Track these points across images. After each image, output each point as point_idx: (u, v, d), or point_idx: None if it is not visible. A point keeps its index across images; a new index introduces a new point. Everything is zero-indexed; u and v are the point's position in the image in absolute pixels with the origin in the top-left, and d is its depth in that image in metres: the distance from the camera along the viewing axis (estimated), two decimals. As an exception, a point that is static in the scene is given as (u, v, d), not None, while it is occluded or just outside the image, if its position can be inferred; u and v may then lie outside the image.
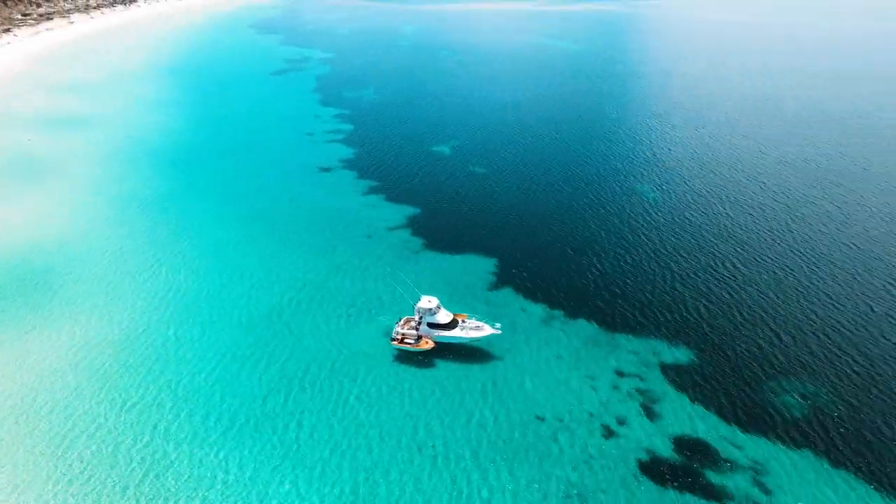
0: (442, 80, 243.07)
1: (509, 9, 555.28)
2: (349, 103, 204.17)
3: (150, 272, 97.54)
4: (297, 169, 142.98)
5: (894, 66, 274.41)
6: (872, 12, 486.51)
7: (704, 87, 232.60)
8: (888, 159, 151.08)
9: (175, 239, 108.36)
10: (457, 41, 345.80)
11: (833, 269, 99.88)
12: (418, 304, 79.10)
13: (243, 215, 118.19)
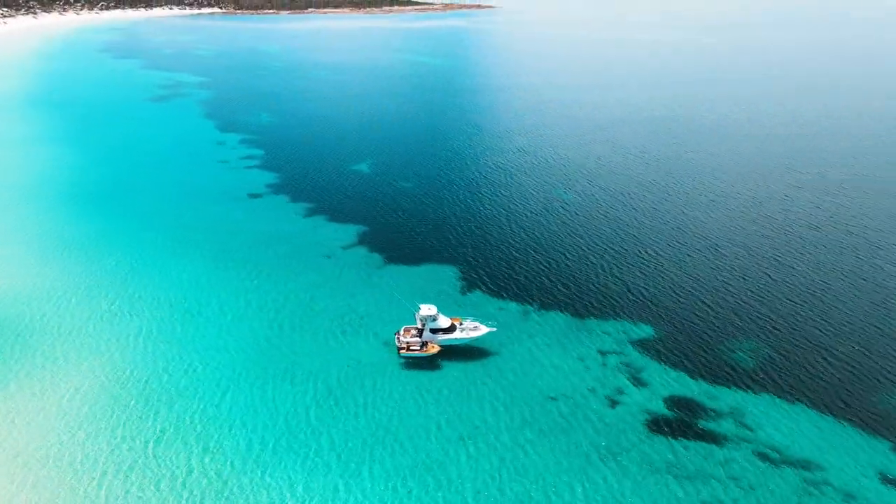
0: (329, 100, 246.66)
1: (364, 26, 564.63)
2: (249, 128, 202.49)
3: (112, 316, 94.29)
4: (224, 197, 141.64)
5: (717, 71, 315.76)
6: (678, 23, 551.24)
7: (560, 95, 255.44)
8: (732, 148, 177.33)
9: (124, 279, 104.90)
10: (328, 60, 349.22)
11: (735, 248, 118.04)
12: (420, 313, 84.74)
13: (188, 248, 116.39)
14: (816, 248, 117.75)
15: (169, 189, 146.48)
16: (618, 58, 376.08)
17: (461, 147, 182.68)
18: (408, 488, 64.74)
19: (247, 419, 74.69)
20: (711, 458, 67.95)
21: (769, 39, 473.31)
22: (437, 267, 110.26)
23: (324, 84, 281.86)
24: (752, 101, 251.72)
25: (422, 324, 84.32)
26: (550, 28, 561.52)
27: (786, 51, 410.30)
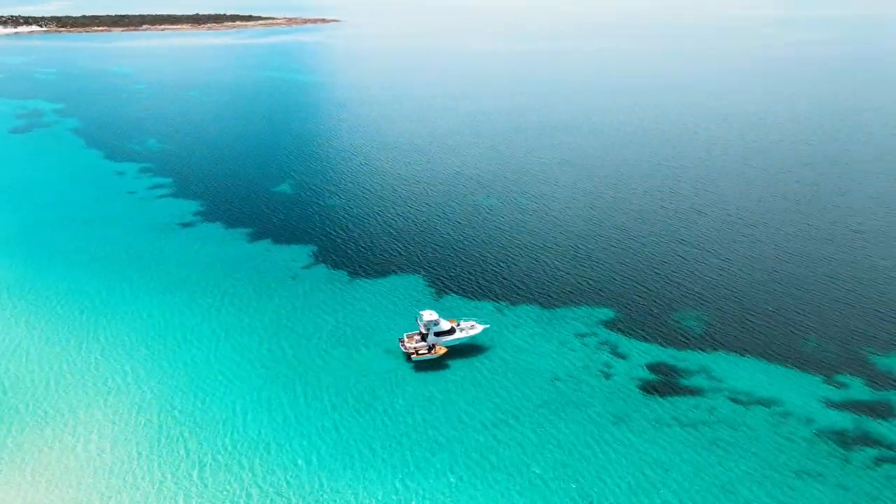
0: (215, 122, 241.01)
1: (211, 44, 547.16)
2: (143, 156, 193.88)
3: (94, 363, 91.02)
4: (153, 229, 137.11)
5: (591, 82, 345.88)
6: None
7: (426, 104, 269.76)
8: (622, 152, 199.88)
9: (89, 325, 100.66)
10: (194, 81, 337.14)
11: (652, 236, 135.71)
12: (425, 319, 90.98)
13: (143, 284, 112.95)
14: (710, 230, 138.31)
15: (88, 226, 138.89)
16: (473, 68, 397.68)
17: (370, 160, 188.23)
18: (458, 476, 71.32)
19: (280, 439, 77.10)
20: (700, 408, 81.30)
21: (588, 50, 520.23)
22: (402, 276, 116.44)
23: (201, 105, 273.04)
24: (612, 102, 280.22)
25: (425, 329, 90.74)
26: (403, 41, 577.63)
27: (613, 58, 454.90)
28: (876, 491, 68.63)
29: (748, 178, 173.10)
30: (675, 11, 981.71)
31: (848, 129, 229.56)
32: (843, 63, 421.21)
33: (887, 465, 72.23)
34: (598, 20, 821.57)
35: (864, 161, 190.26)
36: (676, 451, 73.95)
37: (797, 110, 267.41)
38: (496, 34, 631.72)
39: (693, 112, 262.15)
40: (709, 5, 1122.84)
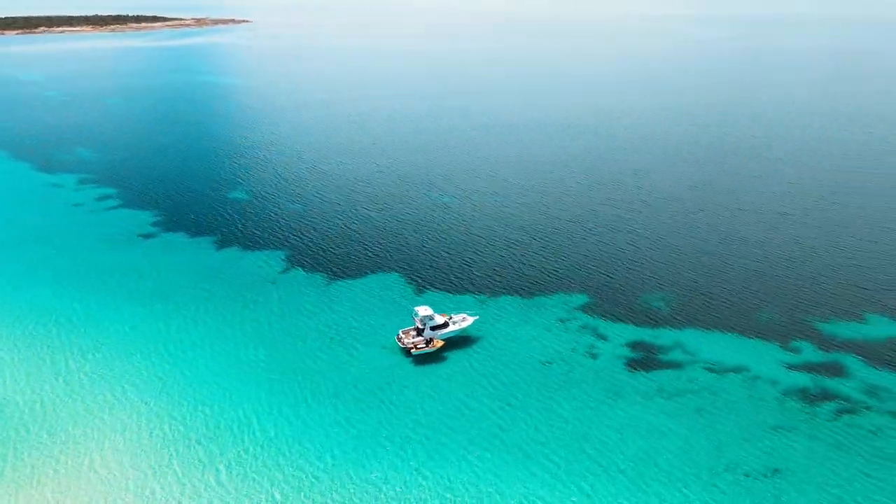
0: (147, 128, 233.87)
1: (120, 46, 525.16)
2: (78, 166, 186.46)
3: (74, 385, 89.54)
4: (112, 242, 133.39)
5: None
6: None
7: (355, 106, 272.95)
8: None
9: (76, 345, 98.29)
10: (112, 86, 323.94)
11: (605, 228, 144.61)
12: (420, 315, 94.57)
13: (121, 298, 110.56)
14: (657, 218, 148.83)
15: (42, 243, 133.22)
16: (392, 67, 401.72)
17: (317, 163, 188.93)
18: (482, 458, 75.56)
19: (296, 439, 78.77)
20: (681, 379, 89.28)
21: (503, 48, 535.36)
22: (378, 276, 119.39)
23: (125, 112, 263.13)
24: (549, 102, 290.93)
25: (421, 323, 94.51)
26: (320, 41, 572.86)
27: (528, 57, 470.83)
28: (841, 438, 78.28)
29: (680, 170, 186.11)
30: (581, 12, 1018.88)
31: (764, 121, 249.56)
32: (753, 56, 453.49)
33: (846, 415, 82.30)
34: (512, 21, 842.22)
35: (773, 150, 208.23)
36: (668, 419, 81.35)
37: (714, 103, 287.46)
38: (409, 34, 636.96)
39: (619, 108, 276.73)
40: (616, 6, 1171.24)
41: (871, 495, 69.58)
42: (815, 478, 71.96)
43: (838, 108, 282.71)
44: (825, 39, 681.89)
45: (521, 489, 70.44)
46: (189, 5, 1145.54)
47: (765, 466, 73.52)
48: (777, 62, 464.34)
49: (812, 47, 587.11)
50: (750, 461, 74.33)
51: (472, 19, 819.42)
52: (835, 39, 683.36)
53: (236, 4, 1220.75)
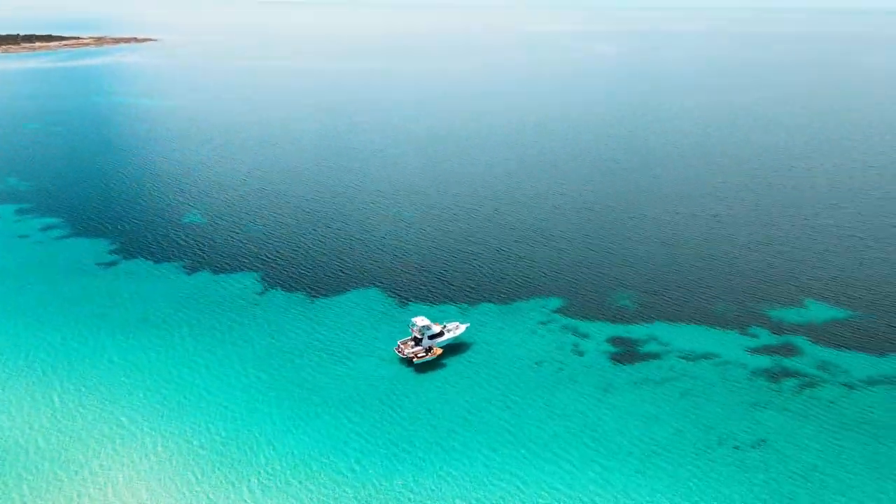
0: (77, 154, 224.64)
1: (15, 68, 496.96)
2: (12, 196, 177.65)
3: (72, 419, 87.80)
4: (72, 273, 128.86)
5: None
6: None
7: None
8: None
9: (56, 378, 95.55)
10: (28, 110, 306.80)
11: (565, 236, 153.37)
12: (419, 325, 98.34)
13: (92, 332, 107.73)
14: (604, 224, 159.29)
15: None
16: (307, 86, 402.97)
17: (266, 184, 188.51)
18: (498, 456, 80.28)
19: (317, 454, 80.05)
20: (662, 368, 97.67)
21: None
22: (358, 292, 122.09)
23: (51, 137, 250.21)
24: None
25: (420, 333, 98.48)
26: (232, 62, 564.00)
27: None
28: (806, 409, 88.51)
29: (618, 177, 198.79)
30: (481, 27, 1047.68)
31: (674, 131, 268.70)
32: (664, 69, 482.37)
33: (807, 389, 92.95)
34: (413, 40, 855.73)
35: (692, 159, 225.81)
36: (659, 405, 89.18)
37: (628, 114, 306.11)
38: (318, 53, 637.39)
39: (545, 119, 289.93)
40: (512, 22, 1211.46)
41: (839, 459, 79.42)
42: (793, 445, 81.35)
43: (743, 116, 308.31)
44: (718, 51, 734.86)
45: (541, 481, 75.69)
46: (83, 24, 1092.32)
47: (751, 439, 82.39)
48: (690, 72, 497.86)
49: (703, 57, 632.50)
50: (737, 435, 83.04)
51: (381, 39, 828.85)
52: (724, 51, 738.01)
53: (133, 22, 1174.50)
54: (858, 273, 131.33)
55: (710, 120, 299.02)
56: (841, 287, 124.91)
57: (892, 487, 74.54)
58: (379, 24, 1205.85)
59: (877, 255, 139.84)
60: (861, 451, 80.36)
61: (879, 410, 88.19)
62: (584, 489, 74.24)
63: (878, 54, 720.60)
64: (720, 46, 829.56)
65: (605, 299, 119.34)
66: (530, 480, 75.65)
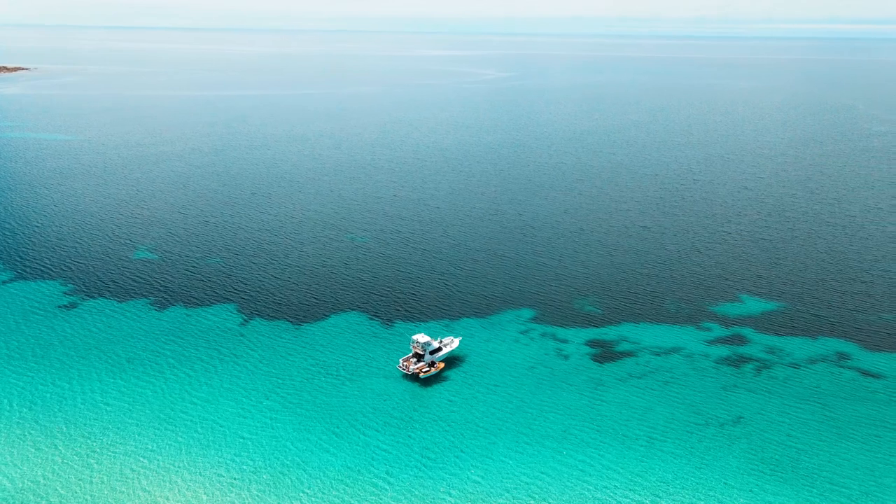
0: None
1: None
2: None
3: (86, 469, 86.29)
4: (34, 316, 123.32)
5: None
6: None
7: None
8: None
9: (55, 426, 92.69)
10: None
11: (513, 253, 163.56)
12: (421, 342, 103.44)
13: (77, 375, 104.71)
14: (551, 239, 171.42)
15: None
16: (203, 114, 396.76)
17: (206, 215, 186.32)
18: (520, 455, 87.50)
19: (349, 472, 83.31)
20: (639, 364, 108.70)
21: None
22: (340, 316, 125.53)
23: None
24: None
25: (422, 350, 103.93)
26: (120, 90, 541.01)
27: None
28: (767, 387, 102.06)
29: (547, 197, 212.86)
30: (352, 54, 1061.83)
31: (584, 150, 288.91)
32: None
33: (763, 370, 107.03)
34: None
35: (608, 176, 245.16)
36: (647, 395, 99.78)
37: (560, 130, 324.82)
38: (211, 81, 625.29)
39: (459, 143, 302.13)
40: (404, 48, 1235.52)
41: (804, 425, 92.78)
42: (765, 419, 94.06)
43: (635, 134, 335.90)
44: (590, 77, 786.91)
45: (567, 470, 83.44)
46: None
47: (729, 417, 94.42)
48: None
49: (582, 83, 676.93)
50: (718, 415, 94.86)
51: (258, 65, 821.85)
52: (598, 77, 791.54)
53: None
54: (776, 270, 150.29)
55: (610, 139, 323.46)
56: (766, 283, 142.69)
57: (850, 446, 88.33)
58: (252, 50, 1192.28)
59: (787, 254, 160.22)
60: (818, 418, 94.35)
61: (824, 383, 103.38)
62: (605, 473, 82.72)
63: (738, 79, 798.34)
64: (598, 70, 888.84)
65: (571, 307, 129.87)
66: (556, 470, 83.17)
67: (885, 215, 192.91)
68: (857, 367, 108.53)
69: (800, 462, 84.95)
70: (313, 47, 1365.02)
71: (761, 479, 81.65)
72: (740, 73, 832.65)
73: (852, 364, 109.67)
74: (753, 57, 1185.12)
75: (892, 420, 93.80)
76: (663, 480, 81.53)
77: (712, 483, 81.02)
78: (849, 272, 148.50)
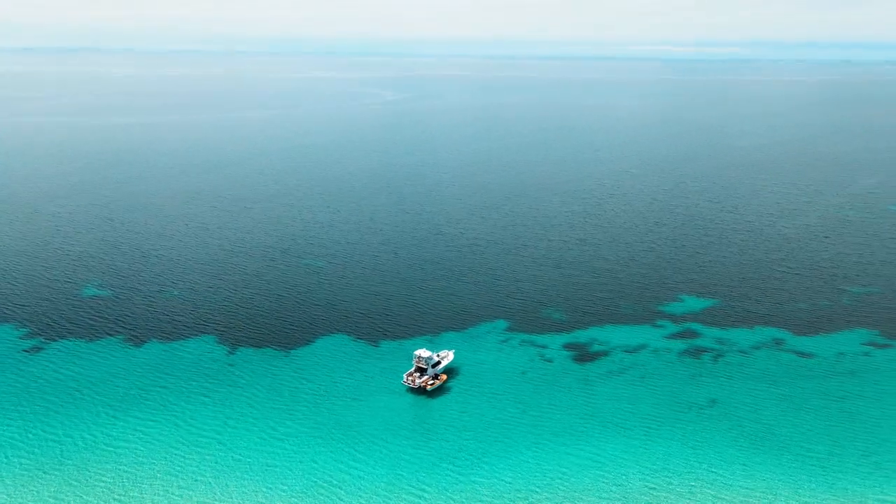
0: None
1: None
2: None
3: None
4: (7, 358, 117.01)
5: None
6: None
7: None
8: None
9: (60, 475, 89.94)
10: None
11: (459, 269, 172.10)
12: (424, 357, 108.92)
13: (64, 420, 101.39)
14: (494, 256, 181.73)
15: None
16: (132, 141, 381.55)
17: (154, 248, 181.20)
18: (534, 453, 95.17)
19: (384, 487, 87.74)
20: (615, 361, 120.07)
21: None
22: (325, 340, 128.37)
23: None
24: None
25: (425, 364, 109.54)
26: (25, 117, 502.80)
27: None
28: (726, 372, 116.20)
29: (482, 215, 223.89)
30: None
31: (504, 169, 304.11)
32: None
33: (720, 358, 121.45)
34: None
35: (530, 191, 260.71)
36: (631, 388, 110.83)
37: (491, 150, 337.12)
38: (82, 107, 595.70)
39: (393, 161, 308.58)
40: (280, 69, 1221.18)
41: (765, 402, 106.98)
42: (734, 399, 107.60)
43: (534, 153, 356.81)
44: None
45: (582, 462, 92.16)
46: None
47: (706, 401, 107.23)
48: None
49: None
50: (695, 399, 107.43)
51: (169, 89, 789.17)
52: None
53: None
54: (704, 272, 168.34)
55: (524, 158, 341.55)
56: (698, 284, 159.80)
57: (806, 417, 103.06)
58: (121, 71, 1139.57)
59: (708, 258, 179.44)
60: (775, 395, 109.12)
61: (770, 366, 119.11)
62: (616, 460, 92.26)
63: (589, 97, 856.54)
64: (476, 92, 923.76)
65: (539, 317, 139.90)
66: (575, 462, 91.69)
67: (775, 220, 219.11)
68: (793, 350, 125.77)
69: (773, 434, 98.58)
70: (192, 70, 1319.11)
71: (747, 451, 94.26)
72: (622, 91, 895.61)
73: (787, 347, 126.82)
74: (630, 77, 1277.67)
75: (833, 392, 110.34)
76: (667, 461, 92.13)
77: (710, 459, 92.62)
78: (763, 271, 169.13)
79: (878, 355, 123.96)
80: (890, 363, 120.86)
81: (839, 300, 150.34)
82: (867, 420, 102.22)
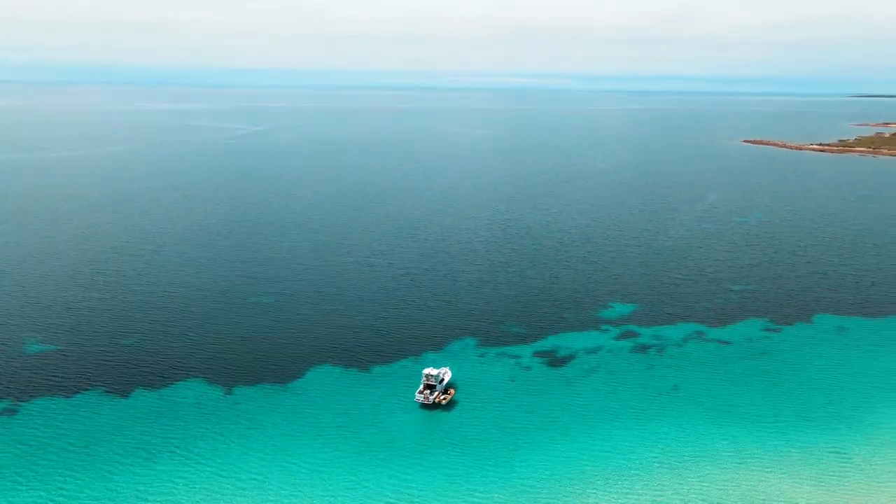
0: None
1: None
2: None
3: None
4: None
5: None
6: None
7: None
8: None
9: None
10: None
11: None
12: (432, 374, 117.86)
13: (79, 479, 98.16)
14: (439, 281, 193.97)
15: None
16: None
17: (120, 290, 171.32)
18: (554, 453, 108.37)
19: (431, 492, 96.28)
20: (582, 362, 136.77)
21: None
22: (315, 370, 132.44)
23: None
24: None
25: (434, 381, 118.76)
26: None
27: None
28: (674, 362, 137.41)
29: (405, 245, 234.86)
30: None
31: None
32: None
33: (663, 351, 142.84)
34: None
35: (457, 218, 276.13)
36: (607, 384, 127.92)
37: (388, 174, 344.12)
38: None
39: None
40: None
41: (718, 384, 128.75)
42: (693, 385, 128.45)
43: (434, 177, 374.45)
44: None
45: (596, 451, 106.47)
46: None
47: (670, 387, 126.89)
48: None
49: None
50: (662, 387, 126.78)
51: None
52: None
53: None
54: (619, 281, 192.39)
55: (415, 186, 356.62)
56: (622, 292, 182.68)
57: (747, 390, 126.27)
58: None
59: (617, 271, 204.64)
60: (719, 378, 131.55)
61: (704, 354, 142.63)
62: (622, 445, 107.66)
63: (447, 125, 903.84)
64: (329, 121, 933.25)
65: (501, 331, 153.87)
66: (591, 452, 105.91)
67: (655, 234, 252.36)
68: (714, 339, 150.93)
69: (729, 406, 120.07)
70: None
71: (722, 425, 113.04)
72: (469, 120, 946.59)
73: (709, 338, 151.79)
74: (467, 104, 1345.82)
75: (758, 369, 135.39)
76: (665, 442, 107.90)
77: (696, 434, 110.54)
78: (664, 278, 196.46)
79: (775, 338, 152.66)
80: (787, 343, 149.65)
81: (730, 297, 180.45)
82: (791, 388, 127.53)
